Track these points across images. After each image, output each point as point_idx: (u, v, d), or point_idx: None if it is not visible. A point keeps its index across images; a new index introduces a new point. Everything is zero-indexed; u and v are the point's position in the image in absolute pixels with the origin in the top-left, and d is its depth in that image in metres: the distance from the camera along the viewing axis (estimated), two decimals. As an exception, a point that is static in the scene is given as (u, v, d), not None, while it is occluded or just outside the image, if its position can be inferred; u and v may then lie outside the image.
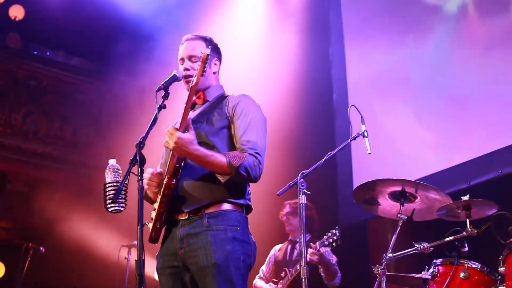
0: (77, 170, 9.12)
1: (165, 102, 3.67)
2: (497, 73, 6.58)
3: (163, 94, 3.70)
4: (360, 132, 4.96)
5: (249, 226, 3.77)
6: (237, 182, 3.66)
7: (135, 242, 3.43)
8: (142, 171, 3.47)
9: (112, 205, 3.48)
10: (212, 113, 3.78)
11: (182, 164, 3.65)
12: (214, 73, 3.98)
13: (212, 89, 3.93)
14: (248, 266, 3.66)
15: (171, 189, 3.64)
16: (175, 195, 3.66)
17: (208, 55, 3.52)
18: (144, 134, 3.56)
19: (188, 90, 3.85)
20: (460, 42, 7.05)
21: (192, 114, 3.81)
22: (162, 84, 3.71)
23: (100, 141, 8.65)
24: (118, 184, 3.52)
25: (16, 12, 10.00)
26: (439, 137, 7.06)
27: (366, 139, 4.90)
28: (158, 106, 3.65)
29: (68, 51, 10.45)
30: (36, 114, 9.54)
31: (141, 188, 3.43)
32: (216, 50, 4.02)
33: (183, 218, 3.67)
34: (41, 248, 7.41)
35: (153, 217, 3.72)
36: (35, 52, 10.31)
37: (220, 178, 3.59)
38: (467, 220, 4.55)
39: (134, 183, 3.48)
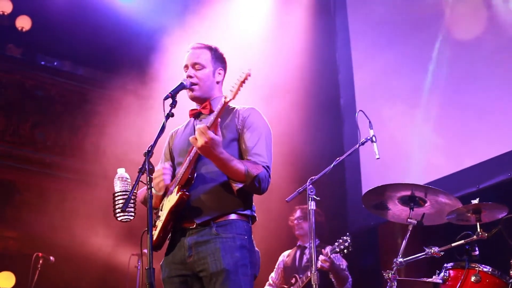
0: (86, 179, 9.13)
1: (173, 111, 3.68)
2: (506, 75, 6.56)
3: (171, 102, 3.71)
4: (369, 137, 4.96)
5: (258, 233, 3.80)
6: (245, 194, 3.70)
7: (145, 251, 3.43)
8: (151, 180, 3.48)
9: (121, 214, 3.50)
10: (222, 125, 3.76)
11: (195, 175, 3.67)
12: (218, 82, 3.98)
13: (217, 99, 3.90)
14: (253, 275, 3.69)
15: (184, 203, 3.64)
16: (185, 206, 3.67)
17: (249, 75, 3.50)
18: (152, 143, 3.56)
19: (191, 99, 3.93)
20: (468, 45, 7.03)
21: (206, 121, 3.78)
22: (170, 93, 3.73)
23: (108, 150, 8.65)
24: (127, 193, 3.53)
25: (23, 23, 10.04)
26: (447, 140, 7.05)
27: (375, 144, 4.89)
28: (166, 114, 3.66)
29: (75, 61, 10.48)
30: (44, 124, 9.56)
31: (150, 197, 3.44)
32: (221, 60, 4.02)
33: (191, 227, 3.68)
34: (51, 257, 7.43)
35: (158, 225, 3.72)
36: (42, 62, 10.34)
37: (234, 185, 3.62)
38: (477, 223, 4.54)
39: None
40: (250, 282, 3.62)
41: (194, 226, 3.67)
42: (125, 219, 3.53)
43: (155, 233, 3.73)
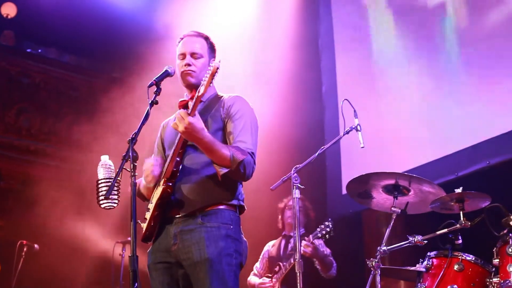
0: (71, 167, 9.10)
1: (157, 98, 3.68)
2: (484, 65, 6.60)
3: (155, 89, 3.71)
4: (353, 126, 4.97)
5: (243, 223, 3.80)
6: (231, 183, 3.70)
7: (129, 239, 3.43)
8: (134, 167, 3.48)
9: (105, 201, 3.50)
10: (207, 116, 3.78)
11: (180, 167, 3.68)
12: None
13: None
14: (240, 264, 3.70)
15: (168, 196, 3.67)
16: (171, 198, 3.69)
17: (218, 68, 3.50)
18: (136, 130, 3.56)
19: (185, 87, 3.92)
20: (448, 36, 7.06)
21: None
22: (154, 80, 3.73)
23: (93, 138, 8.62)
24: (110, 180, 3.53)
25: (8, 10, 9.97)
26: (426, 129, 7.07)
27: (359, 133, 4.91)
28: (150, 101, 3.66)
29: (61, 48, 10.43)
30: (29, 111, 9.52)
31: (133, 184, 3.44)
32: (213, 49, 4.03)
33: (177, 216, 3.69)
34: (35, 245, 7.41)
35: (147, 217, 3.74)
36: (28, 50, 10.28)
37: (219, 170, 3.61)
38: (461, 212, 4.56)
39: (127, 179, 3.49)
40: (235, 271, 3.63)
41: (180, 215, 3.68)
42: (108, 206, 3.52)
43: (144, 225, 3.75)
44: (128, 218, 3.40)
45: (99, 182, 3.58)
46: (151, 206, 3.73)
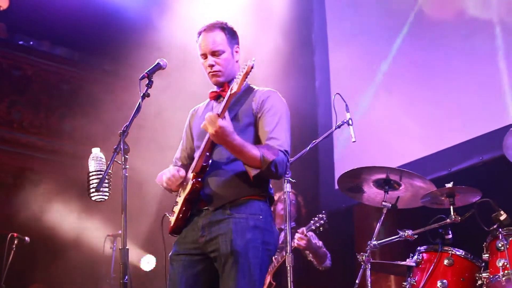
0: (62, 160, 9.09)
1: (149, 91, 3.67)
2: (478, 61, 6.61)
3: (147, 82, 3.70)
4: (345, 120, 4.99)
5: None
6: (261, 180, 3.64)
7: (120, 232, 3.43)
8: (125, 160, 3.48)
9: (96, 193, 3.49)
10: (238, 109, 3.73)
11: (210, 162, 3.65)
12: (237, 61, 3.91)
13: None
14: (268, 255, 3.64)
15: (198, 191, 3.64)
16: (201, 192, 3.66)
17: (252, 67, 3.43)
18: (127, 123, 3.56)
19: (215, 84, 3.86)
20: (440, 30, 7.07)
21: (217, 108, 3.70)
22: (146, 73, 3.71)
23: (85, 131, 8.61)
24: (101, 173, 3.53)
25: (0, 2, 9.92)
26: (420, 124, 7.08)
27: (351, 127, 4.94)
28: (141, 94, 3.66)
29: (53, 41, 10.40)
30: (21, 104, 9.49)
31: (124, 177, 3.44)
32: (234, 36, 3.93)
33: (206, 208, 3.67)
34: (26, 238, 7.39)
35: (175, 211, 3.73)
36: (20, 42, 10.24)
37: (250, 171, 3.56)
38: (451, 207, 4.58)
39: (118, 171, 3.49)
40: (260, 264, 3.57)
41: (210, 209, 3.65)
42: (99, 198, 3.52)
43: (173, 218, 3.73)
44: (120, 211, 3.40)
45: (90, 174, 3.58)
46: (179, 199, 3.71)
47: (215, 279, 3.62)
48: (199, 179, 3.63)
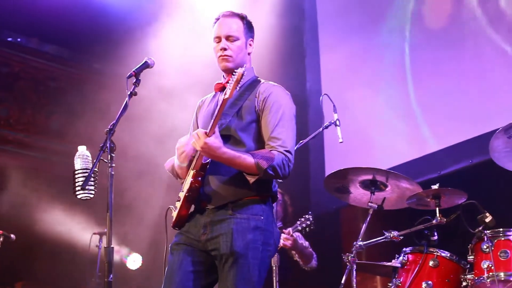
0: (49, 157, 9.05)
1: (136, 89, 3.66)
2: (468, 64, 6.64)
3: (134, 81, 3.69)
4: (332, 121, 5.01)
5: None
6: (264, 180, 3.60)
7: (106, 230, 3.42)
8: (112, 158, 3.47)
9: (81, 192, 3.48)
10: (242, 105, 3.70)
11: (210, 160, 3.60)
12: (249, 53, 3.89)
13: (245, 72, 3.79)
14: (268, 256, 3.62)
15: (197, 189, 3.61)
16: (201, 190, 3.63)
17: (243, 74, 3.41)
18: (114, 121, 3.55)
19: (222, 70, 3.82)
20: (431, 33, 7.09)
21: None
22: (133, 71, 3.70)
23: (72, 128, 8.58)
24: (87, 171, 3.52)
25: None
26: (411, 126, 7.11)
27: (338, 128, 4.95)
28: (129, 93, 3.64)
29: (42, 38, 10.34)
30: (8, 101, 9.43)
31: (110, 175, 3.43)
32: (251, 29, 3.92)
33: (207, 207, 3.64)
34: (11, 235, 7.35)
35: (178, 207, 3.69)
36: (9, 39, 10.18)
37: (249, 178, 3.53)
38: (437, 209, 4.60)
39: (104, 170, 3.48)
40: (260, 265, 3.55)
41: (211, 207, 3.63)
42: (84, 197, 3.51)
43: (175, 213, 3.70)
44: (105, 209, 3.39)
45: (76, 172, 3.56)
46: (181, 195, 3.67)
47: (214, 275, 3.61)
48: (199, 178, 3.60)
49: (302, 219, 5.88)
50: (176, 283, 3.58)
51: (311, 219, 5.84)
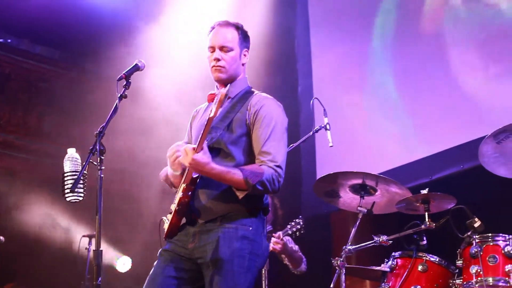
0: (40, 159, 9.04)
1: (126, 92, 3.66)
2: (459, 69, 6.66)
3: (125, 83, 3.68)
4: (323, 125, 5.02)
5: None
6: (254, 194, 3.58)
7: (94, 233, 3.41)
8: (101, 161, 3.46)
9: (70, 194, 3.48)
10: (233, 118, 3.66)
11: (200, 174, 3.58)
12: (243, 64, 3.85)
13: (237, 83, 3.80)
14: (255, 266, 3.59)
15: (186, 204, 3.60)
16: (192, 204, 3.62)
17: (225, 95, 3.39)
18: (104, 124, 3.54)
19: (216, 81, 3.79)
20: (422, 38, 7.12)
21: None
22: (124, 74, 3.69)
23: (63, 130, 8.58)
24: (76, 173, 3.51)
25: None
26: (402, 131, 7.12)
27: (328, 131, 4.95)
28: (119, 95, 3.63)
29: (33, 39, 10.32)
30: (-1, 102, 9.42)
31: (100, 178, 3.43)
32: (247, 39, 3.88)
33: (198, 221, 3.63)
34: (1, 237, 7.34)
35: (169, 219, 3.69)
36: (0, 40, 10.16)
37: (238, 193, 3.50)
38: (426, 213, 4.61)
39: (93, 172, 3.47)
40: (246, 274, 3.51)
41: (201, 221, 3.62)
42: (73, 199, 3.50)
43: (167, 225, 3.70)
44: (94, 211, 3.38)
45: (65, 175, 3.56)
46: (173, 207, 3.67)
47: (199, 283, 3.59)
48: (189, 193, 3.58)
49: (293, 223, 5.88)
50: (156, 285, 3.58)
51: (301, 223, 5.83)
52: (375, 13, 7.76)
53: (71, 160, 3.59)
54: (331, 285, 4.70)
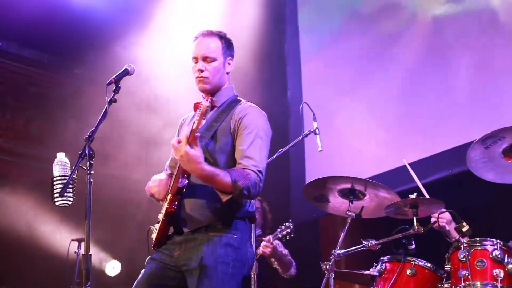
0: (28, 163, 9.00)
1: (116, 96, 3.66)
2: (449, 74, 6.70)
3: (114, 88, 3.68)
4: (312, 130, 5.03)
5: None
6: (237, 201, 3.60)
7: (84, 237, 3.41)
8: (91, 165, 3.46)
9: (59, 199, 3.47)
10: (218, 127, 3.68)
11: (186, 184, 3.61)
12: (228, 73, 3.86)
13: (222, 92, 3.83)
14: (239, 273, 3.60)
15: (173, 214, 3.62)
16: (178, 214, 3.64)
17: (207, 107, 3.38)
18: (93, 128, 3.55)
19: (200, 91, 3.80)
20: (412, 43, 7.14)
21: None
22: (113, 78, 3.70)
23: (52, 134, 8.54)
24: (66, 178, 3.51)
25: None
26: (391, 136, 7.15)
27: (318, 136, 4.97)
28: (108, 100, 3.64)
29: (21, 43, 10.28)
30: (-14, 106, 9.38)
31: (89, 182, 3.43)
32: (230, 48, 3.89)
33: (185, 231, 3.67)
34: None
35: (157, 228, 3.73)
36: (-11, 44, 10.12)
37: (221, 196, 3.51)
38: (414, 218, 4.62)
39: (82, 177, 3.47)
40: (230, 281, 3.53)
41: (188, 231, 3.65)
42: (63, 203, 3.49)
43: (154, 235, 3.74)
44: (82, 215, 3.38)
45: (54, 179, 3.55)
46: (160, 216, 3.70)
47: None
48: (175, 203, 3.61)
49: (283, 227, 5.89)
50: None
51: (291, 227, 5.85)
52: (366, 17, 7.79)
53: (61, 164, 3.59)
54: (320, 290, 4.70)
